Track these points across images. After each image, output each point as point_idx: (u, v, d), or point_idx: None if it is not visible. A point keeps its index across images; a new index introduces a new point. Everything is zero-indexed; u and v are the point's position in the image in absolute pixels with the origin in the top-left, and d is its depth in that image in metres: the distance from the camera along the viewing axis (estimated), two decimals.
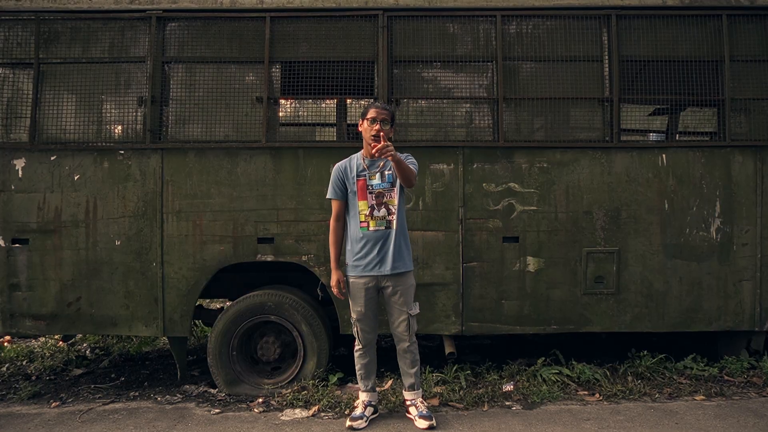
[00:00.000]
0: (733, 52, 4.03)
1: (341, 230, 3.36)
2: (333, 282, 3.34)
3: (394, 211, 3.25)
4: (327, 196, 3.38)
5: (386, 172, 3.24)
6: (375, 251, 3.22)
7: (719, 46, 4.03)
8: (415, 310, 3.33)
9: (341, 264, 3.36)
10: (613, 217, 3.99)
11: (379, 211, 3.23)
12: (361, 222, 3.24)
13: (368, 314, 3.30)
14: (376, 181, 3.23)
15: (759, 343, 4.14)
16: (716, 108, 4.11)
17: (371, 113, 3.19)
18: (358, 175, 3.25)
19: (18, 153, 3.94)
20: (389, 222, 3.23)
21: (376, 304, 3.33)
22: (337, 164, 3.35)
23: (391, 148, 3.00)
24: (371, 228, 3.22)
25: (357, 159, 3.31)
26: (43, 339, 5.54)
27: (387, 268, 3.23)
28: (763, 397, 3.75)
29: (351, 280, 3.31)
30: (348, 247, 3.32)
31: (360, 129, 3.28)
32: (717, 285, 4.00)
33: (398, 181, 3.22)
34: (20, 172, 3.94)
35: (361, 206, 3.24)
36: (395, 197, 3.25)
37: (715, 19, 4.04)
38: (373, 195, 3.23)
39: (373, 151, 3.04)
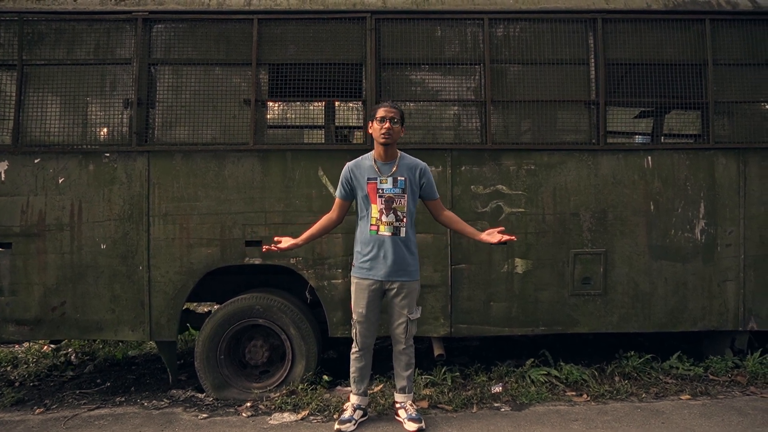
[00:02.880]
0: (716, 56, 4.09)
1: (329, 224, 3.36)
2: (281, 239, 3.33)
3: (403, 217, 3.23)
4: (335, 194, 3.38)
5: (398, 178, 3.23)
6: (382, 255, 3.21)
7: (703, 49, 4.09)
8: (416, 314, 3.32)
9: (298, 240, 3.35)
10: (600, 219, 4.03)
11: (387, 215, 3.21)
12: (371, 225, 3.23)
13: (369, 316, 3.28)
14: (387, 185, 3.22)
15: (743, 343, 4.20)
16: (700, 111, 4.17)
17: (380, 112, 3.18)
18: (369, 178, 3.23)
19: (0, 155, 3.88)
20: (398, 228, 3.22)
21: (378, 307, 3.32)
22: (348, 163, 3.32)
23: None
24: (380, 232, 3.21)
25: (368, 160, 3.29)
26: (27, 344, 5.46)
27: (393, 273, 3.22)
28: (747, 395, 3.80)
29: (355, 280, 3.29)
30: (357, 249, 3.31)
31: (370, 130, 3.27)
32: (701, 285, 4.05)
33: (410, 188, 3.24)
34: (3, 175, 3.87)
35: (372, 210, 3.23)
36: (405, 204, 3.23)
37: (699, 23, 4.10)
38: (383, 199, 3.21)
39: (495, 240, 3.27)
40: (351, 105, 4.65)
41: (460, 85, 4.07)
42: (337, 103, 4.78)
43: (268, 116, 4.37)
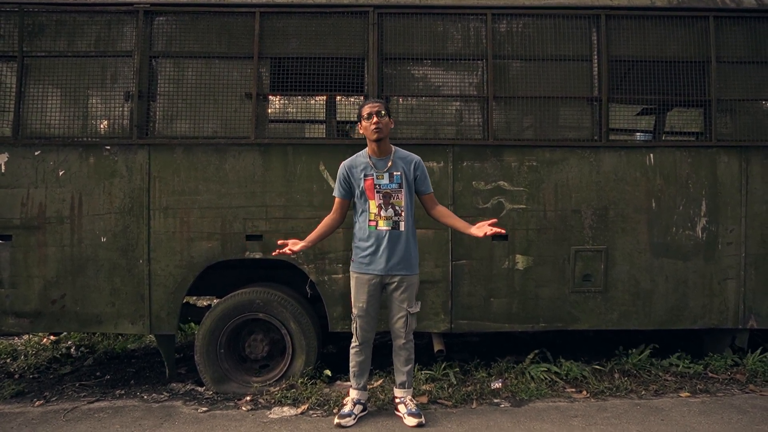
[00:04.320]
0: (720, 53, 4.08)
1: (333, 223, 3.38)
2: (291, 242, 3.24)
3: (401, 211, 3.25)
4: (333, 194, 3.39)
5: (394, 173, 3.26)
6: (381, 250, 3.23)
7: (706, 47, 4.07)
8: (416, 308, 3.34)
9: (305, 242, 3.28)
10: (601, 216, 4.02)
11: (386, 210, 3.24)
12: (370, 220, 3.26)
13: (369, 311, 3.29)
14: (384, 181, 3.24)
15: (743, 341, 4.20)
16: (702, 108, 4.16)
17: (366, 110, 3.21)
18: (365, 175, 3.25)
19: (1, 148, 3.87)
20: (397, 222, 3.24)
21: (378, 301, 3.33)
22: (344, 162, 3.35)
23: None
24: (379, 227, 3.24)
25: (363, 157, 3.31)
26: (27, 337, 5.46)
27: (393, 267, 3.24)
28: (746, 393, 3.81)
29: (355, 275, 3.31)
30: (355, 244, 3.33)
31: (361, 131, 3.28)
32: (702, 283, 4.05)
33: (406, 183, 3.26)
34: (3, 167, 3.86)
35: (371, 205, 3.25)
36: (402, 198, 3.26)
37: (702, 21, 4.08)
38: (381, 194, 3.24)
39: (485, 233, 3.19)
40: (353, 99, 4.63)
41: (463, 81, 4.05)
42: (338, 98, 4.77)
43: (270, 110, 4.36)
